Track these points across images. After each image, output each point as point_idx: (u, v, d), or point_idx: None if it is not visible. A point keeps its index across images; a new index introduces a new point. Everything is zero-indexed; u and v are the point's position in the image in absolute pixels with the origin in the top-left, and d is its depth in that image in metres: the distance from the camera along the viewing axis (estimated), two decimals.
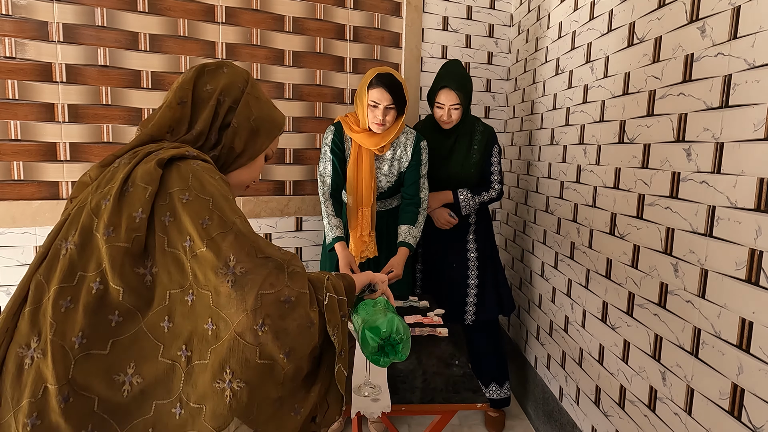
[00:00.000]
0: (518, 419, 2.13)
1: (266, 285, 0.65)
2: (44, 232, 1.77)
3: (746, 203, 0.98)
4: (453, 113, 1.83)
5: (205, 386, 0.64)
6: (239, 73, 0.86)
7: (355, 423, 1.69)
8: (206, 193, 0.70)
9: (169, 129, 0.80)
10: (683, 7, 1.18)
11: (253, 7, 1.97)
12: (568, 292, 1.79)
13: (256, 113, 0.86)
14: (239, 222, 0.70)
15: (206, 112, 0.81)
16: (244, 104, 0.84)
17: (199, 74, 0.83)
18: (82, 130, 1.78)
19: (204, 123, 0.81)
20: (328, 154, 1.72)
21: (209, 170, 0.74)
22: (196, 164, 0.74)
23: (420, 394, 1.10)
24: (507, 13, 2.44)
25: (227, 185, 0.76)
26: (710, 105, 1.08)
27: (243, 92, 0.85)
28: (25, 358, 0.63)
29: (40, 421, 0.60)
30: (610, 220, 1.50)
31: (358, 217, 1.76)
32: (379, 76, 1.61)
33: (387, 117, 1.64)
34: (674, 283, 1.20)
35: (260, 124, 0.86)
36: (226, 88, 0.83)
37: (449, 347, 1.35)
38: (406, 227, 1.76)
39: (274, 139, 0.91)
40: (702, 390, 1.10)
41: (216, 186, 0.72)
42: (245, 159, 0.87)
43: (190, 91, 0.81)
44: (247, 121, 0.84)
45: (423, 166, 1.79)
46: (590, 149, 1.64)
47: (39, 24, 1.68)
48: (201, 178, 0.71)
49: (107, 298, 0.65)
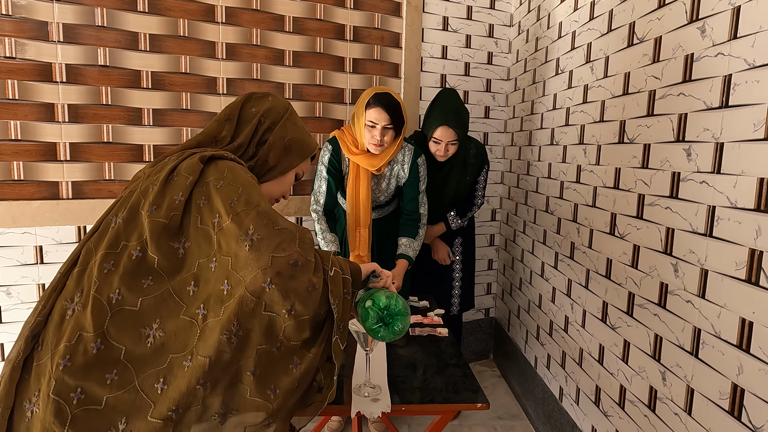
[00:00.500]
0: (518, 419, 2.13)
1: (279, 249, 0.74)
2: (44, 232, 1.77)
3: (746, 203, 0.98)
4: (450, 148, 1.83)
5: (214, 339, 0.72)
6: (281, 102, 1.03)
7: (355, 423, 1.69)
8: (237, 182, 0.82)
9: (214, 139, 0.96)
10: (683, 7, 1.18)
11: (253, 7, 1.97)
12: (568, 292, 1.79)
13: (291, 135, 1.01)
14: (263, 203, 0.80)
15: (248, 129, 0.97)
16: (281, 126, 0.99)
17: (247, 99, 1.00)
18: (82, 130, 1.78)
19: (245, 137, 0.96)
20: (324, 174, 1.72)
21: (243, 169, 0.87)
22: (233, 163, 0.87)
23: (420, 394, 1.10)
24: (507, 13, 2.44)
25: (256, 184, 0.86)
26: (710, 105, 1.08)
27: (282, 117, 1.00)
28: (67, 310, 0.75)
29: (71, 363, 0.70)
30: (610, 220, 1.50)
31: (356, 238, 1.77)
32: (377, 95, 1.59)
33: (385, 137, 1.62)
34: (674, 283, 1.20)
35: (293, 144, 1.01)
36: (267, 111, 0.99)
37: (449, 347, 1.34)
38: (406, 240, 1.78)
39: (305, 159, 1.06)
40: (702, 390, 1.10)
41: (247, 177, 0.84)
42: (277, 173, 1.01)
43: (238, 111, 0.98)
44: (282, 140, 0.99)
45: (422, 182, 1.79)
46: (590, 149, 1.64)
47: (39, 24, 1.68)
48: (235, 171, 0.84)
49: (144, 264, 0.77)
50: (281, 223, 0.79)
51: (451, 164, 1.92)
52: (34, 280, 1.78)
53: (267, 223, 0.77)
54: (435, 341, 1.38)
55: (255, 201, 0.79)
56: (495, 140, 2.53)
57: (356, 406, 1.01)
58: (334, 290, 0.80)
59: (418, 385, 1.14)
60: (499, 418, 2.13)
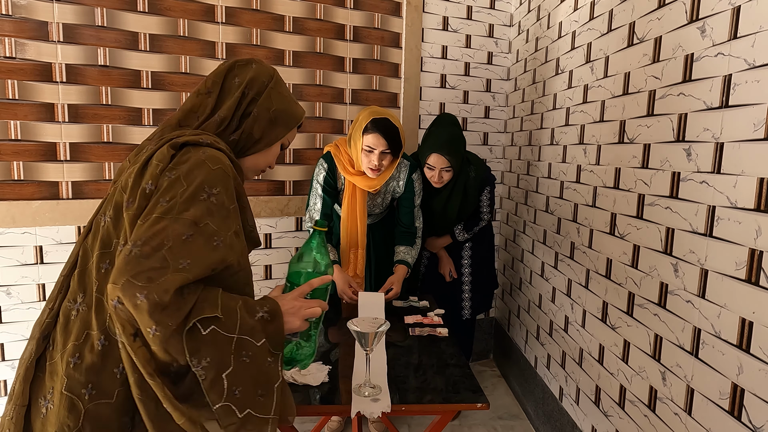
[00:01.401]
0: (518, 419, 2.13)
1: (141, 276, 0.65)
2: (44, 232, 1.77)
3: (746, 203, 0.98)
4: (444, 175, 1.82)
5: None
6: (266, 70, 0.95)
7: (355, 423, 1.69)
8: (188, 180, 0.74)
9: (195, 114, 0.90)
10: (683, 7, 1.18)
11: (253, 7, 1.97)
12: (568, 292, 1.79)
13: (276, 105, 0.94)
14: (188, 218, 0.71)
15: (231, 101, 0.90)
16: (266, 97, 0.92)
17: (230, 68, 0.93)
18: (82, 130, 1.78)
19: (228, 110, 0.89)
20: (320, 191, 1.70)
21: (213, 159, 0.78)
22: (206, 152, 0.79)
23: (420, 394, 1.10)
24: (507, 13, 2.44)
25: (229, 174, 0.79)
26: (710, 105, 1.08)
27: (266, 86, 0.93)
28: (72, 310, 0.76)
29: (80, 360, 0.72)
30: (610, 220, 1.50)
31: (350, 258, 1.76)
32: (375, 122, 1.56)
33: (383, 161, 1.61)
34: (674, 283, 1.20)
35: (278, 115, 0.94)
36: (251, 82, 0.92)
37: (449, 347, 1.34)
38: (404, 247, 1.79)
39: (291, 130, 0.99)
40: (702, 390, 1.10)
41: (205, 177, 0.75)
42: (262, 145, 0.94)
43: (220, 82, 0.91)
44: (266, 111, 0.92)
45: (417, 197, 1.80)
46: (590, 149, 1.64)
47: (39, 24, 1.68)
48: (197, 165, 0.76)
49: None
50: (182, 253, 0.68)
51: (450, 190, 1.91)
52: (34, 280, 1.78)
53: (160, 244, 0.68)
54: (435, 341, 1.38)
55: (180, 210, 0.71)
56: (495, 140, 2.53)
57: (356, 406, 1.01)
58: (190, 346, 0.68)
59: (418, 385, 1.14)
60: (499, 418, 2.13)
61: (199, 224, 0.72)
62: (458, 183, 1.91)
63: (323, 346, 1.37)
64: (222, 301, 0.72)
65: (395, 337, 1.40)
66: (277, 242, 2.14)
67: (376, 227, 1.88)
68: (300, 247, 0.88)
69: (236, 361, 0.71)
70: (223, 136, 0.90)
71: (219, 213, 0.75)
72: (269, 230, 2.12)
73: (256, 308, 0.75)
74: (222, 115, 0.89)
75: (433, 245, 2.08)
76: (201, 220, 0.72)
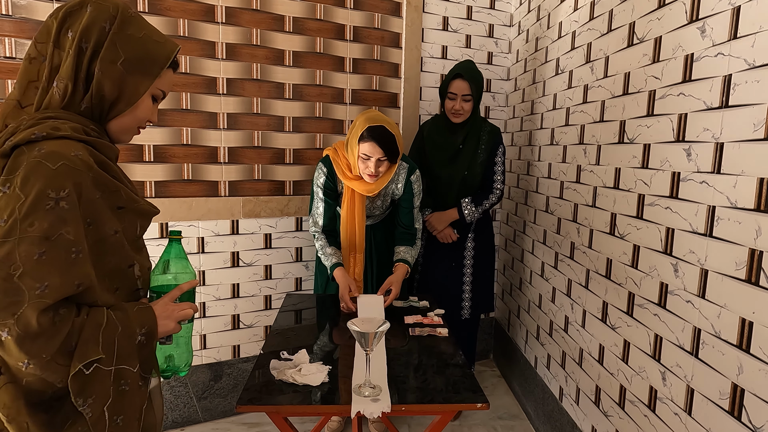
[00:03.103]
0: (518, 419, 2.13)
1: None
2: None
3: (746, 203, 0.98)
4: (464, 105, 1.87)
5: None
6: (104, 10, 0.75)
7: (355, 423, 1.69)
8: (25, 191, 0.65)
9: (33, 85, 0.75)
10: (683, 7, 1.18)
11: (253, 7, 1.97)
12: (568, 292, 1.79)
13: (126, 54, 0.76)
14: (36, 234, 0.64)
15: (68, 63, 0.74)
16: (109, 46, 0.75)
17: (63, 19, 0.75)
18: None
19: (67, 76, 0.74)
20: (321, 195, 1.72)
21: (53, 156, 0.67)
22: (42, 149, 0.67)
23: (420, 394, 1.10)
24: (507, 13, 2.44)
25: (79, 167, 0.69)
26: (710, 105, 1.08)
27: (108, 34, 0.75)
28: None
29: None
30: (610, 220, 1.50)
31: (350, 262, 1.78)
32: (371, 130, 1.55)
33: (380, 168, 1.61)
34: (674, 283, 1.20)
35: (131, 65, 0.77)
36: (86, 31, 0.74)
37: (449, 347, 1.34)
38: (404, 247, 1.80)
39: (157, 77, 0.81)
40: (702, 390, 1.10)
41: (46, 180, 0.65)
42: (123, 105, 0.78)
43: (49, 42, 0.74)
44: (113, 65, 0.75)
45: (417, 198, 1.80)
46: (590, 149, 1.64)
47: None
48: (32, 170, 0.66)
49: None
50: (38, 276, 0.62)
51: (465, 133, 1.93)
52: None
53: (7, 274, 0.61)
54: (435, 341, 1.38)
55: (22, 228, 0.63)
56: None
57: (356, 406, 1.01)
58: (75, 388, 0.67)
59: (418, 385, 1.14)
60: (499, 418, 2.13)
61: (51, 237, 0.64)
62: (473, 128, 1.94)
63: (325, 346, 1.37)
64: (103, 336, 0.69)
65: (395, 337, 1.40)
66: (277, 242, 2.14)
67: (377, 227, 1.88)
68: (160, 257, 0.86)
69: (116, 392, 0.71)
70: (72, 108, 0.75)
71: (75, 218, 0.67)
72: (269, 230, 2.12)
73: (135, 331, 0.74)
74: (63, 84, 0.73)
75: (438, 220, 1.98)
76: (52, 232, 0.64)
